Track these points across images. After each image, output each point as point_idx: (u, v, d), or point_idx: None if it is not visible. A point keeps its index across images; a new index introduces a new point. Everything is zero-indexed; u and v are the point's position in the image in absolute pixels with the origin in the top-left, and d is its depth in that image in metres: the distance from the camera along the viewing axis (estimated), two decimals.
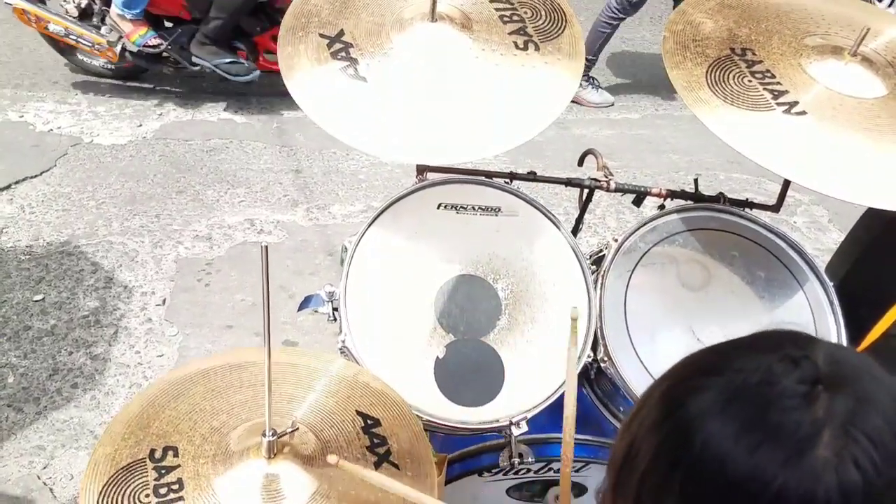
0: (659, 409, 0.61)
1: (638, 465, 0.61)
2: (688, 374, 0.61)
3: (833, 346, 0.59)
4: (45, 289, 2.74)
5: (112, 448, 0.97)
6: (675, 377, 0.62)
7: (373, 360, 1.30)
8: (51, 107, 3.77)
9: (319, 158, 3.62)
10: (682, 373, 0.62)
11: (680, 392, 0.59)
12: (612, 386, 1.42)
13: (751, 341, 0.62)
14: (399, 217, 1.42)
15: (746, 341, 0.62)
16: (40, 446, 2.22)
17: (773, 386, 0.55)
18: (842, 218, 3.48)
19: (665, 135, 4.14)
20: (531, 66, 1.32)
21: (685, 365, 0.63)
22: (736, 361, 0.58)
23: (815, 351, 0.58)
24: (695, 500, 0.56)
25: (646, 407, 0.63)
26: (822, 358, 0.57)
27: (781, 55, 1.37)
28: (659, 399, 0.62)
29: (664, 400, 0.61)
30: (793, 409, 0.54)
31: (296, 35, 1.28)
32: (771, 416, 0.54)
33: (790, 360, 0.56)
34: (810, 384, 0.55)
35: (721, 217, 1.52)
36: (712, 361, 0.61)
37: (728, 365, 0.58)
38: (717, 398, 0.56)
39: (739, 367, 0.57)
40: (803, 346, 0.58)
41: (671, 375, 0.63)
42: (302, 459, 1.00)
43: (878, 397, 0.55)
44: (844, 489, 0.51)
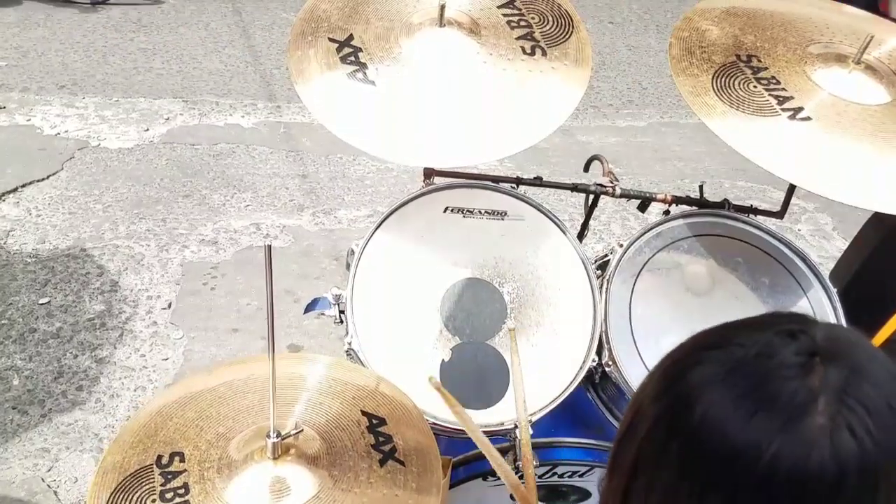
0: (660, 382, 0.63)
1: (637, 434, 0.62)
2: (689, 350, 0.63)
3: (830, 325, 0.61)
4: (50, 292, 2.75)
5: (121, 456, 0.98)
6: (677, 353, 0.64)
7: (379, 362, 1.31)
8: (58, 110, 3.79)
9: (326, 163, 3.63)
10: (683, 349, 0.64)
11: (681, 366, 0.61)
12: (616, 390, 1.42)
13: (751, 320, 0.64)
14: (406, 220, 1.43)
15: (747, 320, 0.64)
16: (45, 449, 2.23)
17: (770, 358, 0.57)
18: (846, 226, 3.48)
19: (670, 142, 4.14)
20: (538, 71, 1.33)
21: (687, 342, 0.65)
22: (736, 337, 0.60)
23: (813, 327, 0.59)
24: (692, 466, 0.57)
25: (649, 383, 0.65)
26: (819, 333, 0.58)
27: (786, 62, 1.38)
28: (661, 374, 0.64)
29: (665, 374, 0.63)
30: (789, 378, 0.55)
31: (305, 39, 1.29)
32: (768, 385, 0.55)
33: (788, 333, 0.58)
34: (807, 355, 0.56)
35: (726, 223, 1.53)
36: (713, 338, 0.62)
37: (728, 340, 0.60)
38: (716, 370, 0.58)
39: (739, 341, 0.59)
40: (801, 323, 0.60)
41: (674, 353, 0.65)
42: (307, 460, 1.00)
43: (872, 369, 0.57)
44: (838, 455, 0.52)
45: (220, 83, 4.12)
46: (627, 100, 4.53)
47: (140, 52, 4.39)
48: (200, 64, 4.34)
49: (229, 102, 4.01)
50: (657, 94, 4.58)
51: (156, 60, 4.33)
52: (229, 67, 4.34)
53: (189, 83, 4.13)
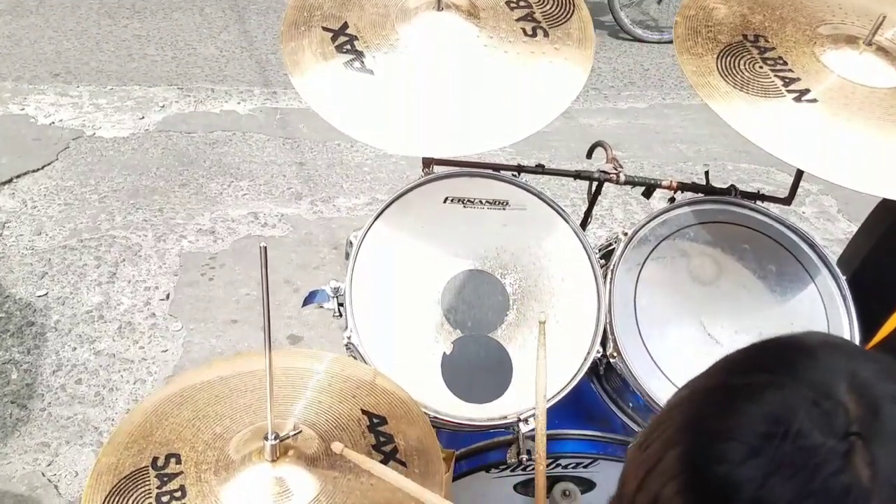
0: (684, 474, 0.57)
1: None
2: (706, 436, 0.56)
3: (852, 367, 0.56)
4: (48, 284, 2.73)
5: (115, 457, 0.95)
6: (691, 439, 0.58)
7: (379, 356, 1.28)
8: (52, 99, 3.75)
9: (323, 150, 3.59)
10: (697, 432, 0.58)
11: (705, 458, 0.55)
12: (621, 382, 1.39)
13: (757, 383, 0.57)
14: (405, 211, 1.40)
15: (750, 382, 0.57)
16: (44, 443, 2.21)
17: (810, 452, 0.52)
18: (851, 208, 3.45)
19: (672, 124, 4.10)
20: (541, 53, 1.29)
21: (696, 419, 0.59)
22: (752, 417, 0.54)
23: (835, 383, 0.54)
24: None
25: (663, 466, 0.59)
26: (847, 393, 0.54)
27: (795, 43, 1.34)
28: (679, 461, 0.57)
29: (688, 464, 0.57)
30: (836, 473, 0.51)
31: (298, 29, 1.25)
32: (816, 485, 0.51)
33: (818, 410, 0.53)
34: (844, 436, 0.52)
35: (732, 210, 1.50)
36: (727, 420, 0.56)
37: (745, 423, 0.54)
38: (753, 472, 0.53)
39: (763, 428, 0.54)
40: (824, 381, 0.55)
41: (682, 435, 0.59)
42: (306, 461, 0.98)
43: None
44: None
45: (216, 69, 4.07)
46: (629, 81, 4.48)
47: (134, 39, 4.34)
48: (195, 50, 4.29)
49: (225, 89, 3.96)
50: (659, 75, 4.53)
51: (150, 47, 4.28)
52: (224, 53, 4.29)
53: (184, 70, 4.09)
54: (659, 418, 0.64)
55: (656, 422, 0.64)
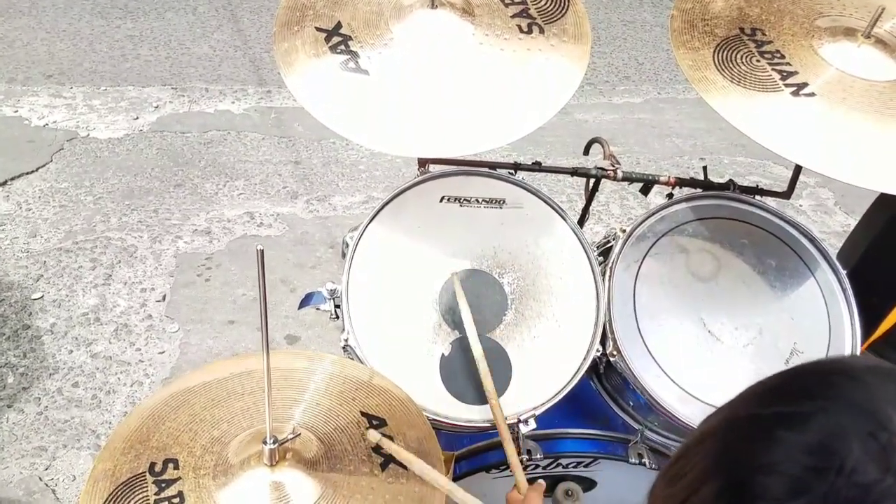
0: (719, 476, 0.53)
1: None
2: (746, 470, 0.51)
3: (884, 387, 0.52)
4: (43, 287, 2.71)
5: (112, 463, 0.94)
6: (728, 472, 0.53)
7: (376, 358, 1.27)
8: (45, 101, 3.73)
9: (319, 149, 3.58)
10: (735, 465, 0.53)
11: (745, 495, 0.50)
12: (621, 380, 1.39)
13: (799, 412, 0.52)
14: (401, 211, 1.39)
15: (791, 411, 0.53)
16: (42, 447, 2.20)
17: (867, 490, 0.47)
18: (848, 200, 3.44)
19: (668, 118, 4.09)
20: (537, 49, 1.28)
21: (733, 451, 0.54)
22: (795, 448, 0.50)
23: (889, 412, 0.50)
24: None
25: (697, 501, 0.54)
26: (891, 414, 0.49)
27: (793, 36, 1.33)
28: (717, 498, 0.52)
29: (726, 500, 0.52)
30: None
31: (291, 30, 1.24)
32: None
33: (874, 444, 0.48)
34: (892, 468, 0.47)
35: (730, 205, 1.49)
36: (768, 451, 0.51)
37: (788, 453, 0.50)
38: None
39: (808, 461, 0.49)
40: (878, 410, 0.50)
41: (719, 467, 0.54)
42: (305, 465, 0.97)
43: None
44: None
45: (210, 69, 4.05)
46: (624, 76, 4.47)
47: (127, 39, 4.32)
48: (189, 50, 4.27)
49: (219, 88, 3.94)
50: (654, 69, 4.51)
51: (143, 47, 4.26)
52: (218, 52, 4.26)
53: (178, 70, 4.06)
54: (688, 448, 0.58)
55: (685, 452, 0.58)
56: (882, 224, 1.57)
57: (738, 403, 0.58)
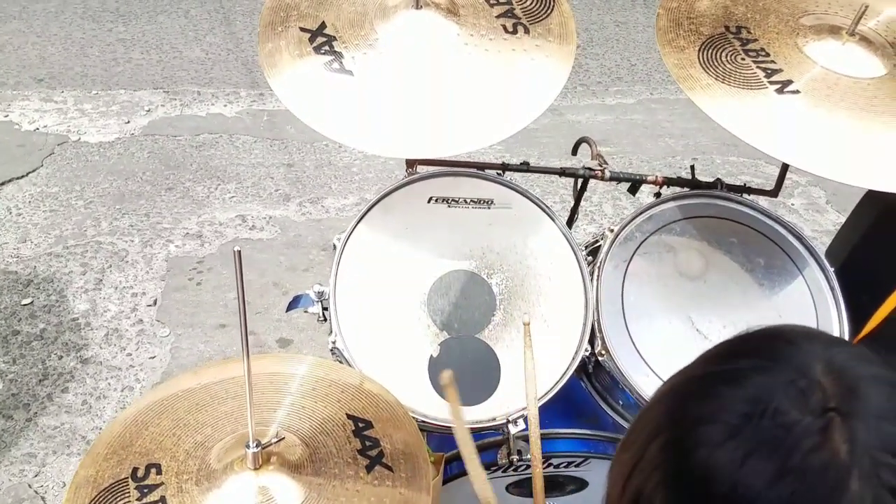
0: (666, 462, 0.57)
1: None
2: (688, 423, 0.56)
3: (830, 351, 0.56)
4: (33, 292, 2.70)
5: (94, 469, 0.93)
6: (672, 427, 0.58)
7: (365, 361, 1.27)
8: (36, 105, 3.71)
9: (311, 151, 3.57)
10: (679, 420, 0.58)
11: (686, 444, 0.55)
12: (610, 379, 1.38)
13: (738, 369, 0.57)
14: (389, 212, 1.38)
15: (732, 368, 0.57)
16: (31, 454, 2.19)
17: (788, 429, 0.52)
18: (840, 199, 3.45)
19: (660, 119, 4.09)
20: (522, 49, 1.28)
21: (678, 408, 0.59)
22: (732, 400, 0.54)
23: (813, 365, 0.55)
24: None
25: (646, 460, 0.58)
26: (823, 374, 0.54)
27: (777, 34, 1.33)
28: (661, 451, 0.57)
29: (669, 452, 0.57)
30: (814, 449, 0.50)
31: (275, 30, 1.23)
32: (795, 461, 0.51)
33: (795, 389, 0.53)
34: (821, 413, 0.52)
35: (718, 204, 1.49)
36: (708, 404, 0.56)
37: (726, 405, 0.55)
38: (733, 453, 0.52)
39: (742, 409, 0.54)
40: (802, 363, 0.55)
41: (664, 425, 0.59)
42: (290, 468, 0.96)
43: (886, 403, 0.53)
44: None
45: (202, 72, 4.04)
46: (616, 77, 4.47)
47: (119, 43, 4.30)
48: (181, 53, 4.26)
49: (211, 91, 3.93)
50: (646, 70, 4.52)
51: (135, 51, 4.25)
52: (210, 56, 4.25)
53: (170, 73, 4.05)
54: (640, 416, 0.63)
55: (637, 420, 0.63)
56: (870, 221, 1.57)
57: (683, 371, 0.62)
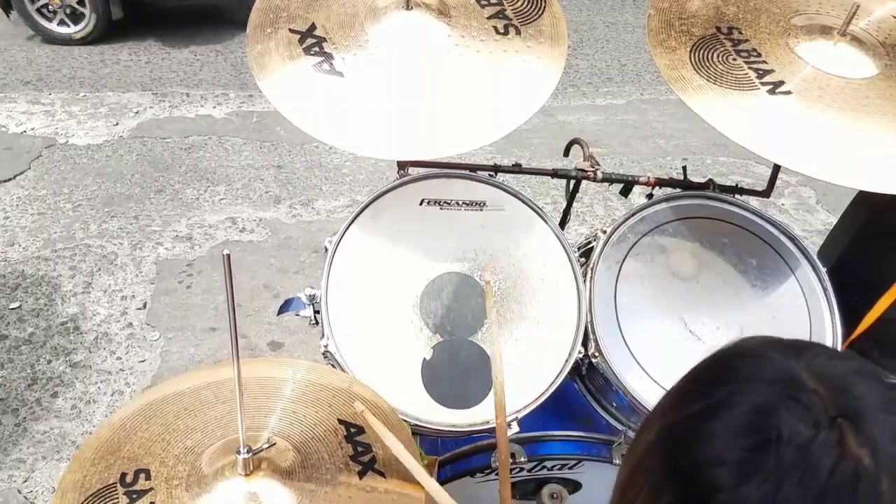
0: (672, 486, 0.54)
1: None
2: (693, 474, 0.52)
3: (805, 357, 0.54)
4: (21, 296, 2.67)
5: (81, 474, 0.92)
6: (676, 483, 0.54)
7: (357, 364, 1.25)
8: (23, 108, 3.68)
9: (301, 153, 3.55)
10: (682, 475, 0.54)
11: (700, 497, 0.51)
12: (604, 381, 1.38)
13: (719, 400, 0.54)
14: (380, 215, 1.37)
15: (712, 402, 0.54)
16: (20, 459, 2.16)
17: (806, 450, 0.49)
18: (830, 199, 3.47)
19: (651, 119, 4.10)
20: (513, 51, 1.27)
21: (674, 460, 0.55)
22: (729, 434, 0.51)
23: (799, 374, 0.52)
24: None
25: (647, 478, 0.56)
26: (812, 381, 0.52)
27: (769, 34, 1.33)
28: (664, 475, 0.54)
29: (674, 477, 0.54)
30: (838, 463, 0.48)
31: (264, 32, 1.22)
32: (825, 482, 0.48)
33: (795, 404, 0.51)
34: (830, 423, 0.50)
35: (711, 205, 1.48)
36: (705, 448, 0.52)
37: (725, 442, 0.51)
38: (759, 490, 0.49)
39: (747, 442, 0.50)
40: (787, 375, 0.53)
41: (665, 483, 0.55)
42: (281, 474, 0.95)
43: (881, 396, 0.52)
44: None
45: (190, 73, 4.02)
46: (606, 77, 4.48)
47: (107, 44, 4.28)
48: (169, 54, 4.23)
49: (200, 93, 3.91)
50: (636, 70, 4.53)
51: (123, 52, 4.22)
52: (199, 57, 4.23)
53: (158, 74, 4.03)
54: (631, 475, 0.59)
55: (629, 479, 0.59)
56: (861, 222, 1.57)
57: (658, 416, 0.59)
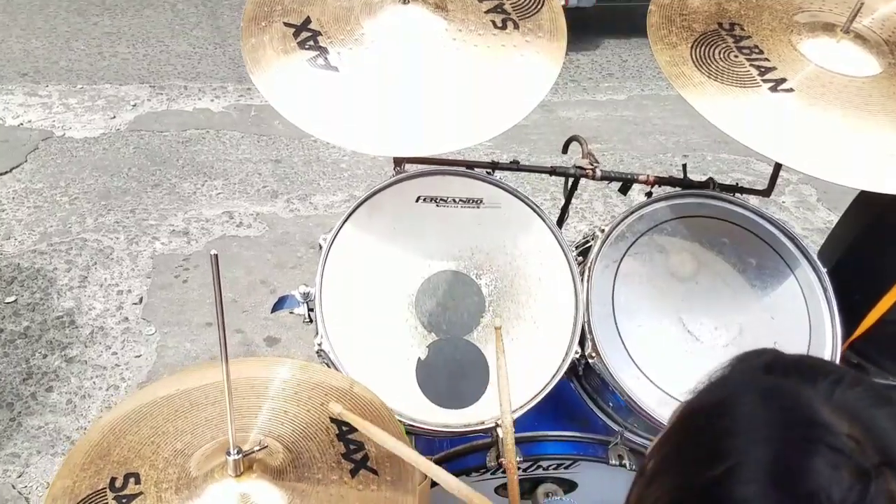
0: None
1: None
2: None
3: (825, 385, 0.50)
4: (17, 290, 2.66)
5: (70, 480, 0.91)
6: None
7: (351, 363, 1.24)
8: (20, 100, 3.66)
9: (299, 147, 3.54)
10: None
11: None
12: (600, 381, 1.37)
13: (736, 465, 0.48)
14: (376, 212, 1.36)
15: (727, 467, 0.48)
16: (15, 454, 2.15)
17: None
18: (830, 197, 3.45)
19: (651, 116, 4.08)
20: (512, 45, 1.26)
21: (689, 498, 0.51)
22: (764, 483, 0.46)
23: (821, 413, 0.48)
24: None
25: None
26: (838, 420, 0.48)
27: (771, 31, 1.31)
28: None
29: None
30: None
31: (259, 25, 1.20)
32: None
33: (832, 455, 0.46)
34: (878, 471, 0.46)
35: (710, 203, 1.47)
36: None
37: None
38: None
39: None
40: (810, 416, 0.48)
41: None
42: (272, 475, 0.94)
43: None
44: None
45: (188, 66, 4.00)
46: (607, 73, 4.45)
47: (105, 37, 4.25)
48: (167, 47, 4.21)
49: (198, 86, 3.89)
50: (637, 66, 4.50)
51: (121, 45, 4.20)
52: (197, 50, 4.21)
53: (156, 67, 4.00)
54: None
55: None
56: (863, 222, 1.55)
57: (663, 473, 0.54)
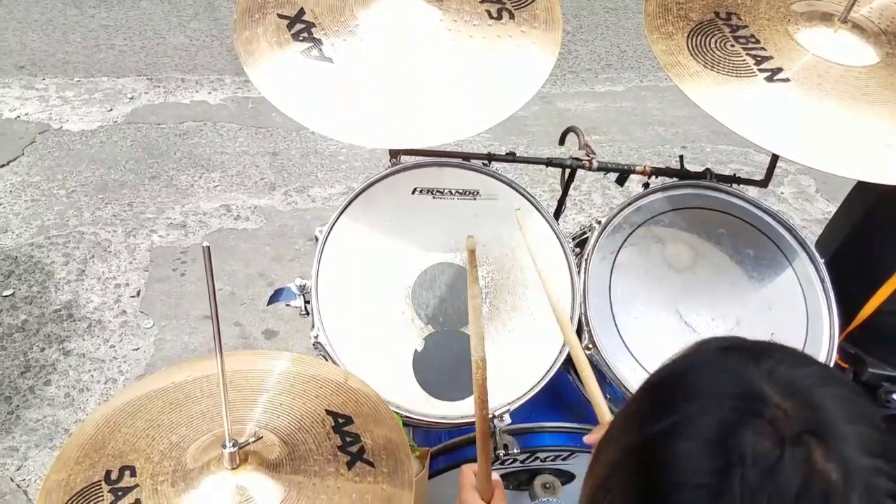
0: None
1: None
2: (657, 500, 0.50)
3: (763, 366, 0.52)
4: (14, 283, 2.65)
5: (66, 473, 0.90)
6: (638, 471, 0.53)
7: (348, 355, 1.24)
8: (17, 93, 3.64)
9: (297, 139, 3.53)
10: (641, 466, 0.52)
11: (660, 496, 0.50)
12: (597, 373, 1.36)
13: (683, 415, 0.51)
14: (372, 204, 1.36)
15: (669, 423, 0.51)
16: (13, 447, 2.16)
17: (773, 472, 0.47)
18: (829, 187, 3.44)
19: (650, 107, 4.06)
20: (507, 36, 1.25)
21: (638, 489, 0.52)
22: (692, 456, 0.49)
23: (759, 385, 0.50)
24: None
25: (611, 500, 0.54)
26: (774, 393, 0.49)
27: (768, 20, 1.30)
28: (629, 499, 0.53)
29: (639, 501, 0.52)
30: (806, 481, 0.47)
31: (252, 17, 1.19)
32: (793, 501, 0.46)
33: (762, 420, 0.48)
34: (796, 440, 0.48)
35: (707, 194, 1.47)
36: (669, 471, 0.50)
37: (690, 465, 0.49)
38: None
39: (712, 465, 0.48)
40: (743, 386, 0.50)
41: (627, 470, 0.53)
42: (268, 467, 0.94)
43: (845, 406, 0.50)
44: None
45: (186, 58, 3.98)
46: (606, 64, 4.44)
47: (102, 29, 4.23)
48: (164, 39, 4.19)
49: (195, 78, 3.87)
50: (636, 57, 4.48)
51: (118, 37, 4.17)
52: (195, 42, 4.19)
53: (153, 60, 3.98)
54: (593, 492, 0.58)
55: (592, 497, 0.58)
56: (860, 212, 1.55)
57: (617, 435, 0.57)
